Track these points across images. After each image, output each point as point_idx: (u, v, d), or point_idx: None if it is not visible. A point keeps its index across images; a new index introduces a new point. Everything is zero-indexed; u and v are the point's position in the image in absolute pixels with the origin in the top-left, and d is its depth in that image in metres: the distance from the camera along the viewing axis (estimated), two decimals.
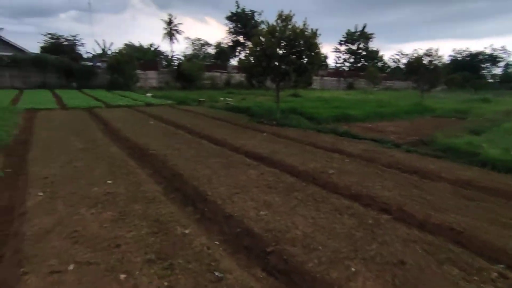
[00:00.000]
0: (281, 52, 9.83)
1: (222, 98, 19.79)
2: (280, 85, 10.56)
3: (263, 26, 10.42)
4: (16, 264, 2.48)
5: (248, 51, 10.75)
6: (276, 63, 9.82)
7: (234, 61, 46.41)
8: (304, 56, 9.78)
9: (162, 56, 43.74)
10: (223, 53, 45.70)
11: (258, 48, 9.97)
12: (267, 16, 65.37)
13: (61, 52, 30.36)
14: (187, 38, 51.43)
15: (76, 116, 11.18)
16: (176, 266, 2.51)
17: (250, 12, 45.99)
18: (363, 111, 12.66)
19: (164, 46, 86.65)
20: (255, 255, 2.94)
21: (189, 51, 50.48)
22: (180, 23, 47.87)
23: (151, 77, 29.55)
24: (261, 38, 9.94)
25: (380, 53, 57.48)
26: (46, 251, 2.64)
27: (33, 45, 59.17)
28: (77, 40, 34.75)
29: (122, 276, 2.35)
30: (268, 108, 13.00)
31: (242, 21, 45.36)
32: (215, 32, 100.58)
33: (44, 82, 25.94)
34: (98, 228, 3.06)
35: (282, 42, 9.67)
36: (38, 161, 5.40)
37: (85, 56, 36.21)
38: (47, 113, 11.84)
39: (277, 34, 9.64)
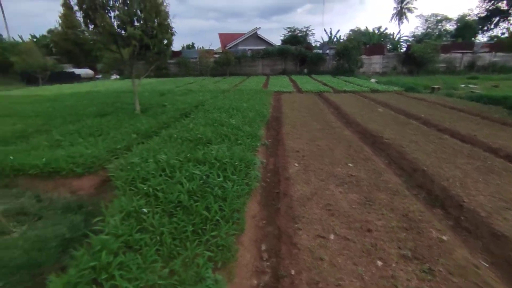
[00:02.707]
0: None
1: (463, 85, 16.28)
2: None
3: None
4: (291, 220, 3.09)
5: None
6: None
7: (483, 37, 36.79)
8: None
9: (387, 39, 41.34)
10: (469, 28, 37.10)
11: None
12: None
13: (296, 42, 35.24)
14: (420, 15, 45.67)
15: (309, 99, 12.67)
16: (436, 273, 2.28)
17: None
18: None
19: (392, 28, 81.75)
20: None
21: (421, 31, 44.82)
22: None
23: (375, 62, 28.71)
24: None
25: None
26: (310, 216, 3.12)
27: (277, 39, 72.10)
28: (309, 30, 38.95)
29: (379, 263, 2.40)
30: None
31: None
32: (457, 3, 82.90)
33: (284, 69, 31.22)
34: (348, 207, 3.28)
35: None
36: (289, 136, 6.51)
37: (313, 44, 40.25)
38: (288, 95, 14.16)
39: None
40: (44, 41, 35.43)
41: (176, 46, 57.54)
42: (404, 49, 31.72)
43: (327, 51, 29.92)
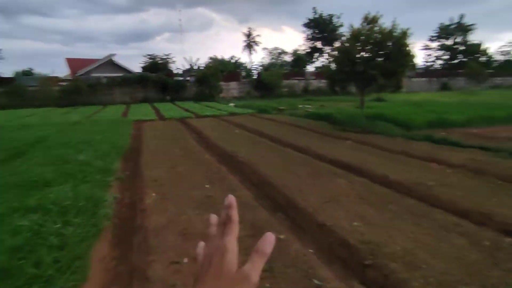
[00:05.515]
0: (366, 55, 9.43)
1: (301, 106, 19.84)
2: (365, 90, 10.10)
3: (345, 30, 10.14)
4: (144, 253, 2.97)
5: (329, 57, 10.60)
6: (361, 68, 9.44)
7: (311, 67, 46.16)
8: (392, 59, 9.17)
9: (242, 67, 46.24)
10: (300, 60, 45.87)
11: (340, 53, 9.75)
12: (347, 18, 63.41)
13: (157, 70, 34.82)
14: (265, 48, 53.38)
15: (172, 126, 12.64)
16: (275, 270, 2.65)
17: (328, 17, 45.19)
18: (465, 115, 11.10)
19: (244, 58, 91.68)
20: (351, 267, 2.89)
21: (267, 61, 52.22)
22: (258, 35, 50.01)
23: (233, 88, 31.52)
24: (344, 43, 9.71)
25: (485, 46, 48.79)
26: (164, 244, 3.08)
27: (136, 66, 69.06)
28: (169, 58, 39.33)
29: None
30: (351, 114, 12.52)
31: (320, 27, 44.82)
32: (291, 40, 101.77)
33: (145, 97, 30.00)
34: (203, 227, 3.42)
35: (367, 46, 9.26)
36: (149, 165, 6.29)
37: (175, 71, 40.82)
38: (150, 123, 13.68)
39: (362, 37, 9.28)
40: None
41: (6, 71, 47.04)
42: (256, 76, 36.08)
43: (188, 78, 30.80)
